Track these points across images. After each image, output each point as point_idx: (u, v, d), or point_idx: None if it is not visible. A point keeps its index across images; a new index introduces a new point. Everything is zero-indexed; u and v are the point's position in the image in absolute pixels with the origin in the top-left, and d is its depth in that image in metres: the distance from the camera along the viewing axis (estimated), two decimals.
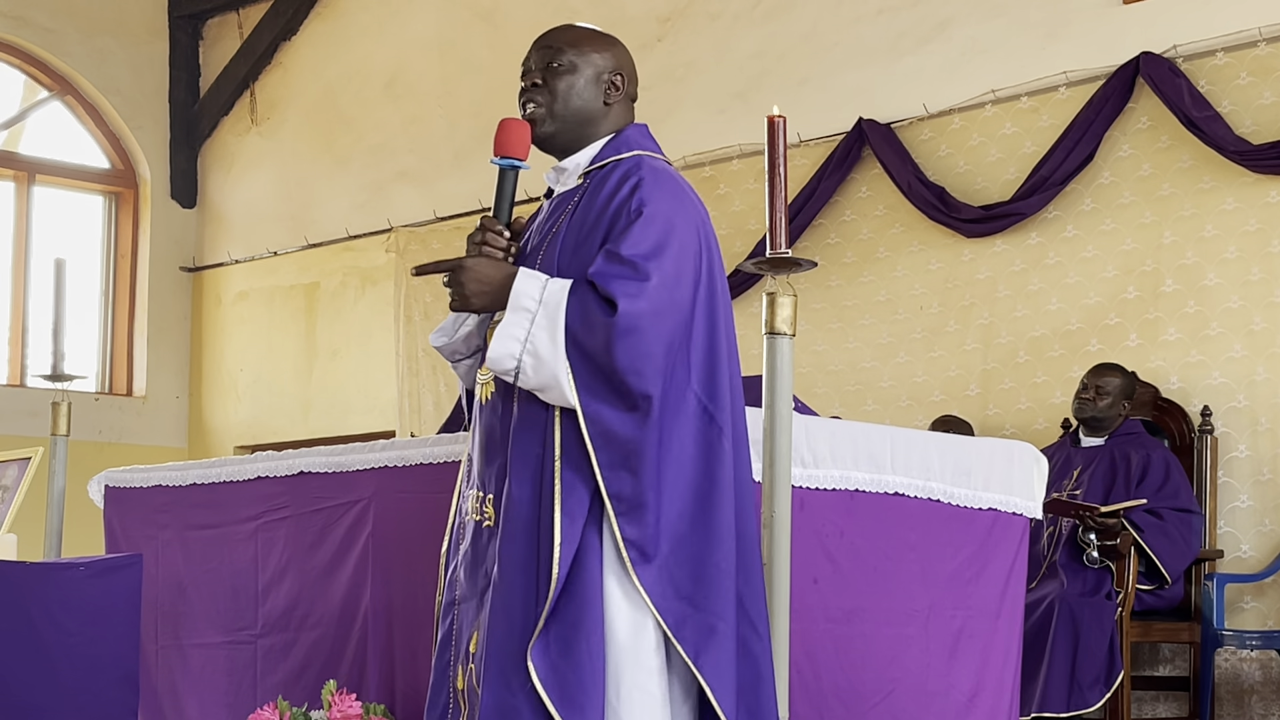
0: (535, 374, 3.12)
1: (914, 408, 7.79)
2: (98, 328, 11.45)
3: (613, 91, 3.40)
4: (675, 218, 3.19)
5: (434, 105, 10.23)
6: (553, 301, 3.13)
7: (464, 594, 3.32)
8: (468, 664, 3.26)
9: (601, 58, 3.40)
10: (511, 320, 3.15)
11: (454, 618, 3.34)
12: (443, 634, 3.37)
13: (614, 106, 3.40)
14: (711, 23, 8.81)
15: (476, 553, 3.29)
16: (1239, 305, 6.87)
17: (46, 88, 11.26)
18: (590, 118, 3.37)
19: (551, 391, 3.12)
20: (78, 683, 4.68)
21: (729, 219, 8.56)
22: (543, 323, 3.12)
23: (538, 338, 3.12)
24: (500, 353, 3.14)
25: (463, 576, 3.33)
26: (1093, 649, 6.10)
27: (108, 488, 5.50)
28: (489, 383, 3.33)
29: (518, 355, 3.13)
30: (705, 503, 3.12)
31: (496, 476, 3.25)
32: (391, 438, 6.54)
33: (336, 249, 10.70)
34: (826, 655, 3.97)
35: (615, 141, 3.37)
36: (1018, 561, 4.48)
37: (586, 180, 3.34)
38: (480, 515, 3.29)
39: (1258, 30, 6.89)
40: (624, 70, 3.43)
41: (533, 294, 3.15)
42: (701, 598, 3.09)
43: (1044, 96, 7.56)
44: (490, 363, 3.17)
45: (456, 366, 3.52)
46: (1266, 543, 6.72)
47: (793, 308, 3.19)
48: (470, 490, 3.35)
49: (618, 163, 3.31)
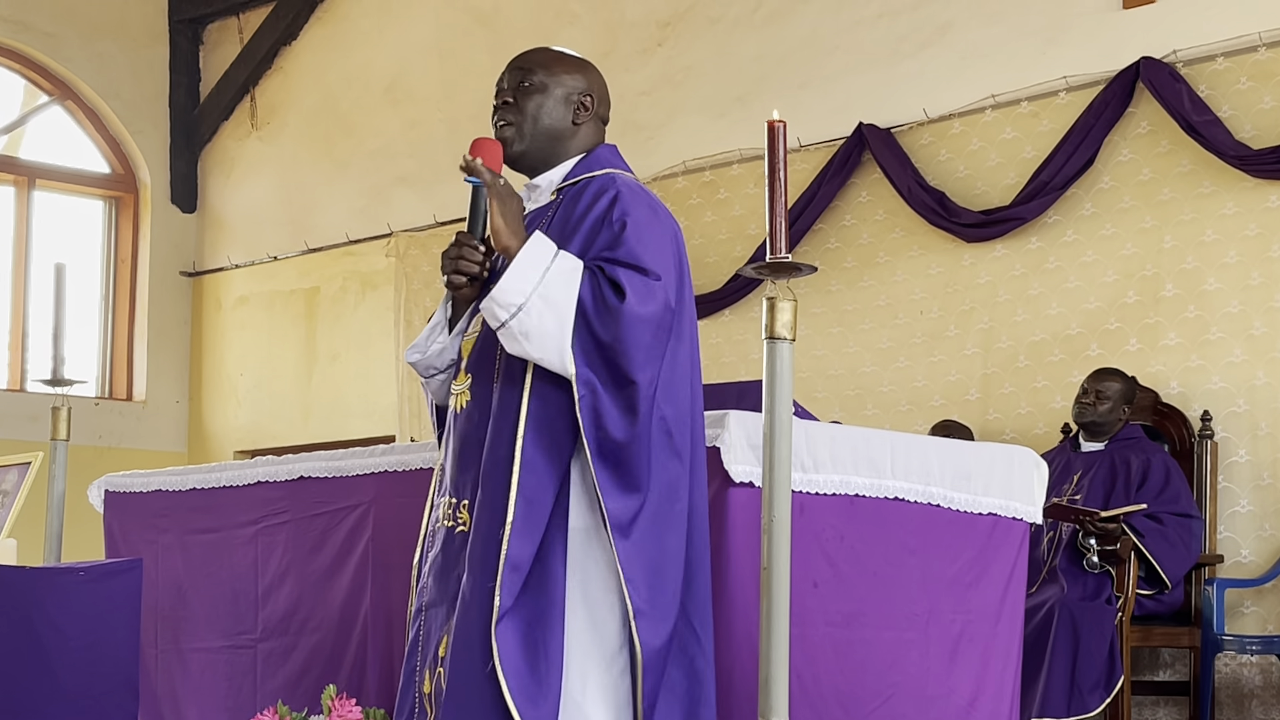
0: (539, 317, 3.15)
1: (914, 412, 7.79)
2: (98, 332, 11.45)
3: (582, 112, 3.47)
4: (656, 228, 3.29)
5: (434, 110, 10.24)
6: (568, 264, 3.20)
7: (432, 599, 3.36)
8: (435, 668, 3.30)
9: (572, 79, 3.47)
10: (526, 262, 3.17)
11: (421, 623, 3.39)
12: (411, 638, 3.41)
13: (583, 126, 3.48)
14: (711, 27, 8.81)
15: (447, 558, 3.33)
16: (1239, 310, 6.87)
17: (47, 92, 11.26)
18: (559, 136, 3.45)
19: (546, 340, 3.16)
20: (78, 687, 4.68)
21: (729, 223, 8.56)
22: (558, 274, 3.18)
23: (552, 283, 3.16)
24: (509, 287, 3.16)
25: (431, 582, 3.37)
26: (1093, 654, 6.10)
27: (108, 492, 5.51)
28: (464, 392, 3.37)
29: (528, 293, 3.15)
30: (670, 506, 3.24)
31: (471, 483, 3.29)
32: (391, 442, 6.54)
33: (336, 254, 10.70)
34: (826, 659, 3.97)
35: (587, 160, 3.46)
36: (1018, 566, 4.48)
37: (559, 196, 3.43)
38: (453, 521, 3.33)
39: (1258, 35, 6.89)
40: (594, 92, 3.50)
41: (548, 248, 3.22)
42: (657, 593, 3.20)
43: (1044, 101, 7.56)
44: (496, 296, 3.17)
45: (430, 382, 3.56)
46: (1266, 547, 6.71)
47: (793, 312, 3.19)
48: (442, 498, 3.41)
49: (590, 179, 3.40)
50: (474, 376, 3.36)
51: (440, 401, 3.57)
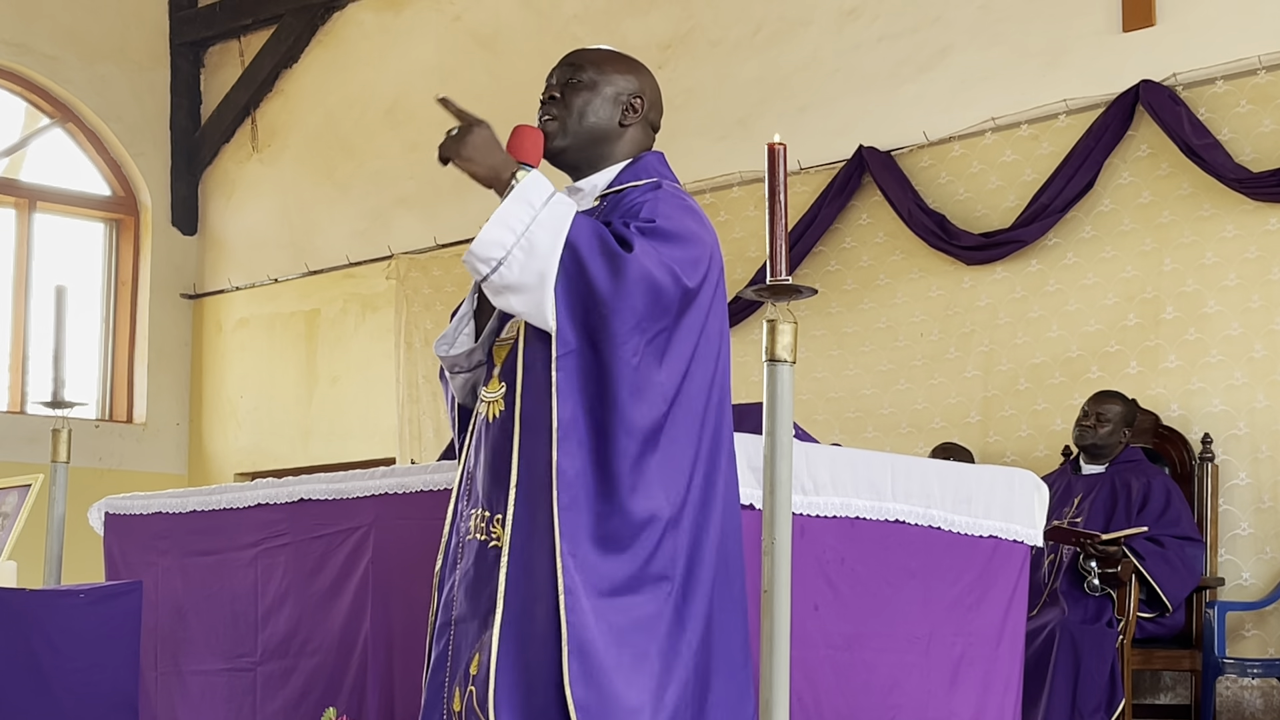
0: (522, 270, 3.04)
1: (914, 435, 7.79)
2: (98, 354, 11.45)
3: (630, 113, 3.38)
4: (691, 224, 3.20)
5: (435, 132, 10.13)
6: (560, 209, 3.08)
7: (463, 614, 3.26)
8: (467, 685, 3.20)
9: (623, 79, 3.39)
10: (511, 210, 3.07)
11: (450, 638, 3.28)
12: (437, 654, 3.31)
13: (630, 129, 3.38)
14: (712, 50, 8.83)
15: (480, 573, 3.22)
16: (1239, 332, 6.87)
17: (48, 115, 11.28)
18: (604, 136, 3.35)
19: (528, 295, 3.06)
20: (77, 710, 4.67)
21: (730, 246, 8.57)
22: (546, 221, 3.06)
23: (537, 233, 3.05)
24: (489, 239, 3.05)
25: (462, 596, 3.27)
26: (1094, 676, 6.09)
27: (108, 514, 5.50)
28: (497, 400, 3.26)
29: (509, 245, 3.05)
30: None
31: (505, 498, 3.19)
32: (392, 464, 6.54)
33: (337, 276, 10.71)
34: (827, 682, 3.97)
35: (635, 166, 3.36)
36: (1018, 589, 4.48)
37: (603, 203, 3.33)
38: (486, 535, 3.23)
39: (1257, 58, 6.91)
40: (645, 95, 3.41)
41: (541, 191, 3.10)
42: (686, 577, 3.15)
43: (1044, 124, 7.57)
44: (477, 246, 3.06)
45: (454, 379, 3.43)
46: (1267, 570, 6.71)
47: (793, 334, 3.19)
48: (473, 509, 3.30)
49: (635, 187, 3.31)
50: (508, 385, 3.24)
51: (463, 401, 3.45)
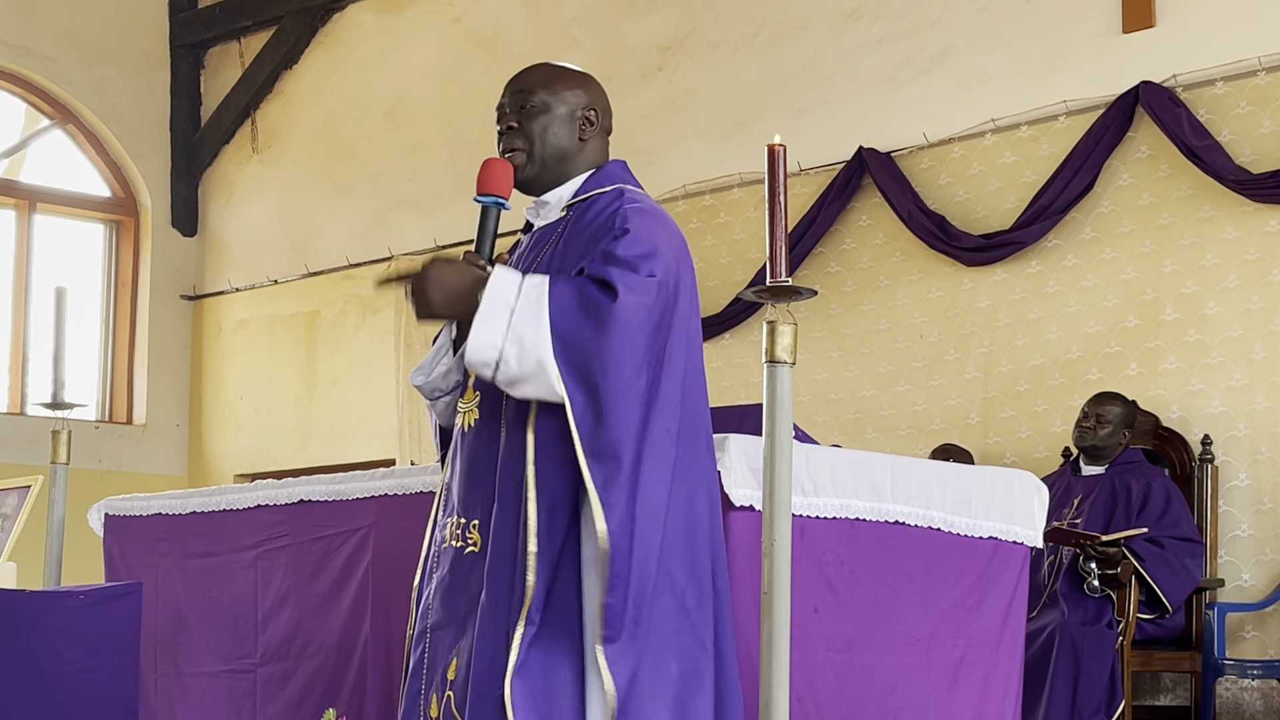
0: (519, 363, 3.12)
1: (914, 436, 7.79)
2: (98, 356, 11.45)
3: (587, 127, 3.42)
4: (659, 236, 3.24)
5: (434, 134, 10.25)
6: (533, 293, 3.15)
7: (439, 621, 3.30)
8: (444, 691, 3.24)
9: (574, 95, 3.42)
10: (490, 310, 3.15)
11: (426, 645, 3.33)
12: (414, 662, 3.35)
13: (589, 142, 3.43)
14: (712, 51, 8.83)
15: (456, 579, 3.27)
16: (1239, 334, 6.87)
17: (48, 116, 11.28)
18: (567, 154, 3.40)
19: (535, 382, 3.12)
20: (77, 712, 4.67)
21: (729, 248, 8.57)
22: (524, 312, 3.13)
23: (520, 326, 3.12)
24: (480, 343, 3.13)
25: (438, 603, 3.31)
26: (1094, 678, 6.09)
27: (107, 516, 5.50)
28: (472, 409, 3.34)
29: (499, 345, 3.12)
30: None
31: (483, 503, 3.25)
32: (392, 466, 6.54)
33: (337, 277, 10.71)
34: (827, 684, 3.96)
35: (597, 176, 3.42)
36: (1018, 590, 4.47)
37: (569, 213, 3.39)
38: (463, 541, 3.27)
39: (1257, 60, 6.91)
40: (597, 105, 3.45)
41: (511, 285, 3.17)
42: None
43: (1044, 125, 7.57)
44: (471, 354, 3.15)
45: (435, 405, 3.51)
46: (1267, 572, 6.71)
47: (793, 336, 3.19)
48: (449, 518, 3.35)
49: (600, 194, 3.36)
50: (483, 394, 3.32)
51: (445, 423, 3.52)
